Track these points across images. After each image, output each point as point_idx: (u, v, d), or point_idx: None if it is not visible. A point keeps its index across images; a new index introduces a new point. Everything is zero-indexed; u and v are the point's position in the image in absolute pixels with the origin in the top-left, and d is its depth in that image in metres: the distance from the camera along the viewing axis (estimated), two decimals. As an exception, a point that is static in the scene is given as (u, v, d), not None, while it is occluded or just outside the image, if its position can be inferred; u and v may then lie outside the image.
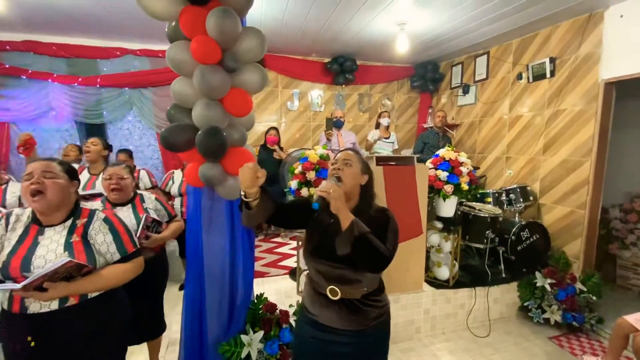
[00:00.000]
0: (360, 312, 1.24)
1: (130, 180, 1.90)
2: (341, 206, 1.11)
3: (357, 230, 1.08)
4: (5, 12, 2.76)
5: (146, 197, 2.00)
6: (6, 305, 1.22)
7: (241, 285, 1.97)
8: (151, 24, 3.33)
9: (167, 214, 2.04)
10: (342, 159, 1.27)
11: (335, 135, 3.89)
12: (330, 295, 1.23)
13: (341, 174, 1.24)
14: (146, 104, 4.01)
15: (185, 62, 1.35)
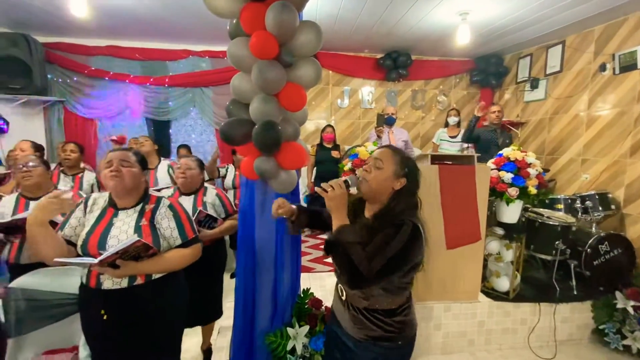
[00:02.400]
0: (360, 322, 1.13)
1: (197, 172, 2.05)
2: (335, 207, 1.08)
3: (339, 236, 1.02)
4: (92, 21, 3.14)
5: (209, 191, 2.13)
6: (85, 280, 1.38)
7: (288, 278, 2.00)
8: (214, 25, 3.56)
9: (225, 211, 2.12)
10: (375, 158, 1.16)
11: (386, 133, 3.75)
12: (340, 293, 1.22)
13: (365, 177, 1.14)
14: (207, 102, 4.29)
15: (244, 58, 1.40)
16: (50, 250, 1.26)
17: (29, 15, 3.26)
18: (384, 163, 1.12)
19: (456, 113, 4.00)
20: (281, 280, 1.99)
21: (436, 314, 2.36)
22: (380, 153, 1.16)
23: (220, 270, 2.29)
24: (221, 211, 2.11)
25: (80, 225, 1.38)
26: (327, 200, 1.06)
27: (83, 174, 2.77)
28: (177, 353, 1.59)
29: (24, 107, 3.81)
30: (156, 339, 1.44)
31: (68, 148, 2.72)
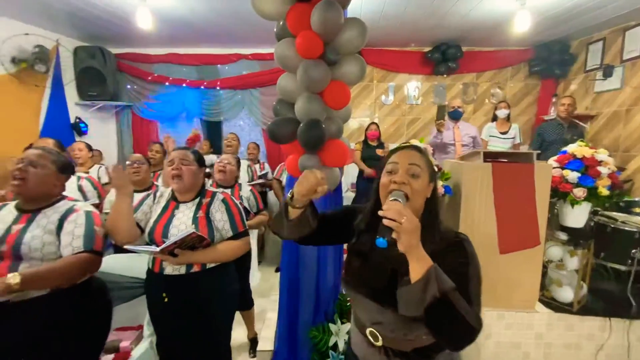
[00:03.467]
0: None
1: (234, 168, 2.25)
2: (415, 243, 0.73)
3: (438, 287, 0.71)
4: (155, 31, 3.45)
5: (243, 187, 2.32)
6: (150, 266, 1.53)
7: (330, 274, 2.02)
8: (262, 29, 3.70)
9: (256, 206, 2.31)
10: (408, 164, 0.87)
11: (451, 127, 3.39)
12: (371, 339, 0.93)
13: (406, 189, 0.84)
14: (255, 103, 4.49)
15: (290, 58, 1.44)
16: (126, 232, 1.43)
17: (103, 29, 3.68)
18: (421, 168, 0.87)
19: (506, 105, 3.64)
20: (324, 276, 2.02)
21: (486, 322, 2.23)
22: (412, 156, 0.89)
23: (247, 263, 2.43)
24: (253, 206, 2.29)
25: (149, 212, 1.54)
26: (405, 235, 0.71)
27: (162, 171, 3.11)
28: (228, 338, 1.70)
29: (99, 111, 4.33)
30: (210, 323, 1.56)
31: (154, 148, 3.06)
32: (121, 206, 1.42)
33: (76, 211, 1.36)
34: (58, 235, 1.30)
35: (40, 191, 1.33)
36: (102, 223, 1.42)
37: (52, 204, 1.36)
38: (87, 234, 1.33)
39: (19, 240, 1.24)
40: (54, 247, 1.29)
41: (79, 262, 1.28)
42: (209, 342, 1.58)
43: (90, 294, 1.42)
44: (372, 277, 0.89)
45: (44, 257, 1.27)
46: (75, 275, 1.31)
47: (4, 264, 1.22)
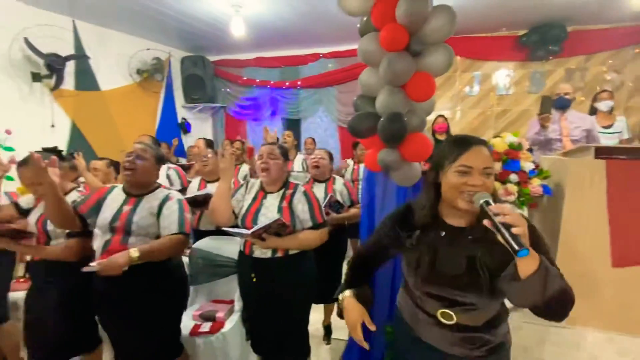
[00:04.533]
0: (477, 340, 0.97)
1: (327, 162, 2.33)
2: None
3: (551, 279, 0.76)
4: (245, 38, 3.80)
5: (337, 181, 2.37)
6: (242, 248, 1.72)
7: (406, 272, 1.99)
8: (340, 27, 3.78)
9: (349, 200, 2.33)
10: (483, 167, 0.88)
11: (557, 120, 2.79)
12: (442, 319, 0.98)
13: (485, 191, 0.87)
14: (332, 100, 4.61)
15: (373, 53, 1.46)
16: (225, 217, 1.64)
17: (204, 39, 4.21)
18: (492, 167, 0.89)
19: (609, 95, 2.97)
20: (400, 273, 1.99)
21: (591, 343, 1.92)
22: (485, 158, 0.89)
23: (340, 256, 2.48)
24: (347, 200, 2.32)
25: (242, 200, 1.73)
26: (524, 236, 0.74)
27: (241, 166, 3.46)
28: (306, 322, 1.81)
29: (199, 112, 4.98)
30: (290, 306, 1.68)
31: (235, 145, 3.43)
32: (223, 188, 1.63)
33: (171, 199, 1.61)
34: (158, 218, 1.56)
35: (145, 179, 1.61)
36: (189, 210, 1.65)
37: (152, 190, 1.62)
38: (180, 219, 1.57)
39: (130, 219, 1.51)
40: (155, 227, 1.55)
41: (176, 242, 1.53)
42: (288, 322, 1.70)
43: (170, 268, 1.66)
44: (449, 267, 0.93)
45: (147, 234, 1.54)
46: (173, 252, 1.56)
47: (116, 237, 1.52)
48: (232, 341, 2.02)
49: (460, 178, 0.88)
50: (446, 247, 0.94)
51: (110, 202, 1.58)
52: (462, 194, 0.88)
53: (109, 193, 1.63)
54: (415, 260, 0.99)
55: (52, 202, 1.46)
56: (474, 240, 0.90)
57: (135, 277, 1.47)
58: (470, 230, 0.93)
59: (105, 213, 1.56)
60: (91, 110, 3.52)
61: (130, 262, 1.39)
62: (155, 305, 1.59)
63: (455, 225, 0.96)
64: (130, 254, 1.38)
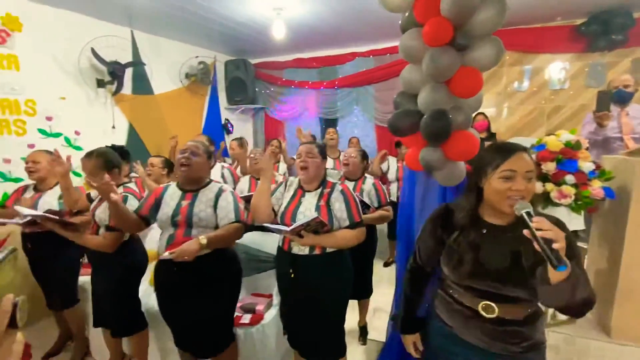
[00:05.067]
0: (518, 335, 0.99)
1: (358, 160, 2.31)
2: None
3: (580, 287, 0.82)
4: (285, 40, 3.89)
5: (367, 180, 2.33)
6: (281, 244, 1.76)
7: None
8: (377, 25, 3.74)
9: (378, 201, 2.27)
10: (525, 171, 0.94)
11: (616, 116, 2.49)
12: (483, 313, 1.00)
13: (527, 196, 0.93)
14: (369, 99, 4.56)
15: (416, 49, 1.43)
16: (265, 214, 1.70)
17: (246, 43, 4.38)
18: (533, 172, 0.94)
19: None
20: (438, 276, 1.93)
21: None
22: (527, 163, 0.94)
23: (371, 255, 2.46)
24: (375, 200, 2.27)
25: (281, 197, 1.78)
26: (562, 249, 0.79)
27: (279, 164, 3.56)
28: (342, 319, 1.82)
29: (241, 113, 5.19)
30: (327, 303, 1.70)
31: (273, 144, 3.56)
32: (263, 186, 1.70)
33: (225, 191, 1.71)
34: (214, 209, 1.66)
35: (199, 174, 1.71)
36: (241, 201, 1.76)
37: (205, 185, 1.73)
38: (236, 208, 1.68)
39: (190, 213, 1.63)
40: (213, 218, 1.66)
41: (235, 229, 1.65)
42: (324, 320, 1.72)
43: (227, 258, 1.76)
44: (494, 261, 0.97)
45: (207, 225, 1.65)
46: (234, 238, 1.69)
47: (179, 231, 1.64)
48: (270, 334, 2.08)
49: (505, 184, 0.93)
50: (489, 243, 0.99)
51: (168, 200, 1.71)
52: (507, 199, 0.93)
53: (165, 191, 1.76)
54: (456, 258, 1.02)
55: (114, 212, 1.66)
56: (516, 237, 0.93)
57: (198, 266, 1.58)
58: (511, 228, 0.98)
59: (165, 210, 1.68)
60: (145, 113, 3.82)
61: (201, 249, 1.50)
62: (215, 293, 1.70)
63: (496, 224, 1.01)
64: (200, 241, 1.50)
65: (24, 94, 2.82)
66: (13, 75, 2.76)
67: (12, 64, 2.74)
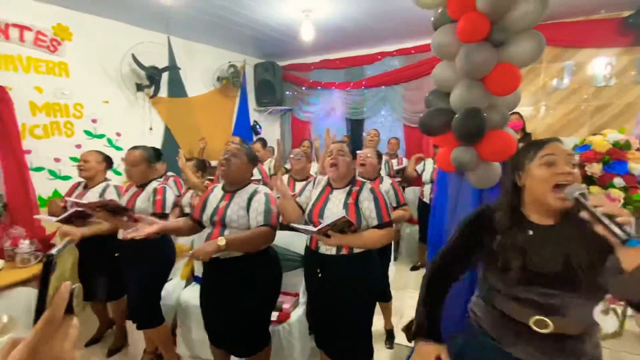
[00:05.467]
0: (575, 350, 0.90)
1: (375, 161, 2.33)
2: None
3: None
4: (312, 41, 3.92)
5: (385, 180, 2.33)
6: (308, 243, 1.77)
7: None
8: (406, 23, 3.68)
9: (396, 200, 2.26)
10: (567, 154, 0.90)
11: None
12: (536, 328, 0.91)
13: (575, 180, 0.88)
14: (397, 98, 4.49)
15: (449, 45, 1.39)
16: (294, 215, 1.72)
17: (274, 46, 4.46)
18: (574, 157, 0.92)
19: None
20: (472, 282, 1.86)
21: None
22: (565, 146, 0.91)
23: (386, 256, 2.43)
24: (393, 200, 2.27)
25: (310, 196, 1.80)
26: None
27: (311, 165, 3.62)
28: (369, 321, 1.79)
29: (269, 115, 5.30)
30: (354, 304, 1.68)
31: (305, 144, 3.66)
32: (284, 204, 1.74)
33: (258, 193, 1.72)
34: (247, 211, 1.68)
35: (237, 176, 1.75)
36: (276, 203, 1.75)
37: (243, 187, 1.76)
38: (266, 211, 1.67)
39: (225, 213, 1.67)
40: (246, 220, 1.67)
41: (261, 233, 1.62)
42: (351, 321, 1.70)
43: (268, 261, 1.78)
44: (544, 266, 0.88)
45: (239, 226, 1.67)
46: (258, 243, 1.66)
47: (216, 230, 1.69)
48: (296, 332, 2.10)
49: (548, 169, 0.87)
50: (537, 246, 0.90)
51: (212, 200, 1.78)
52: (555, 189, 0.85)
53: (211, 192, 1.84)
54: (501, 264, 0.94)
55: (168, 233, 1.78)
56: (566, 237, 0.88)
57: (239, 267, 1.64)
58: (560, 227, 0.90)
59: (207, 210, 1.75)
60: (180, 115, 4.00)
61: (218, 250, 1.52)
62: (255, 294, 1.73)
63: (543, 224, 0.92)
64: (217, 243, 1.52)
65: (73, 99, 3.05)
66: (63, 81, 2.99)
67: (62, 71, 2.97)
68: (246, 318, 1.71)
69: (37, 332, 0.40)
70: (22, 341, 0.40)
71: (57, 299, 0.42)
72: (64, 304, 0.42)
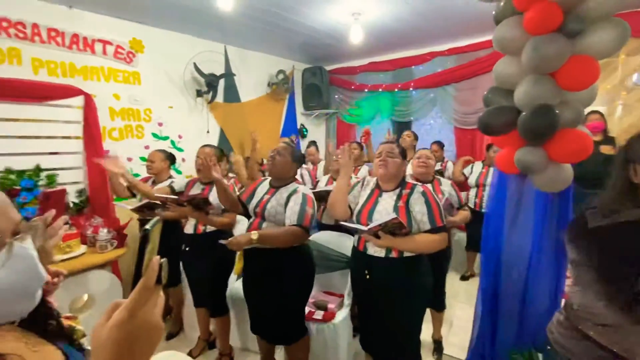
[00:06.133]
0: None
1: (434, 162, 2.28)
2: None
3: None
4: (360, 44, 3.92)
5: (444, 182, 2.26)
6: (356, 243, 1.77)
7: (544, 294, 1.68)
8: (459, 21, 3.52)
9: (458, 202, 2.21)
10: None
11: None
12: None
13: None
14: (448, 100, 4.30)
15: (514, 39, 1.30)
16: (341, 210, 1.73)
17: (322, 51, 4.53)
18: None
19: None
20: (535, 295, 1.71)
21: None
22: None
23: (445, 263, 2.33)
24: (455, 201, 2.21)
25: (358, 196, 1.80)
26: None
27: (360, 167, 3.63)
28: (418, 328, 1.73)
29: (315, 119, 5.39)
30: (403, 309, 1.64)
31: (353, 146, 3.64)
32: (341, 183, 1.73)
33: (297, 193, 1.79)
34: (284, 208, 1.75)
35: (281, 172, 1.84)
36: (313, 205, 1.78)
37: (286, 184, 1.85)
38: (300, 211, 1.71)
39: (265, 206, 1.78)
40: (282, 216, 1.74)
41: (292, 232, 1.68)
42: (399, 326, 1.66)
43: (299, 256, 1.83)
44: None
45: (276, 221, 1.75)
46: (288, 241, 1.70)
47: (256, 220, 1.82)
48: (342, 333, 2.10)
49: None
50: None
51: (259, 191, 1.90)
52: None
53: (260, 184, 1.96)
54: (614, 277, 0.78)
55: (220, 191, 1.88)
56: None
57: (274, 258, 1.71)
58: None
59: (254, 200, 1.88)
60: (233, 119, 4.25)
61: (250, 243, 1.60)
62: (292, 284, 1.80)
63: None
64: (250, 236, 1.60)
65: (144, 104, 3.41)
66: (136, 88, 3.35)
67: (135, 80, 3.34)
68: (277, 307, 1.79)
69: (135, 297, 0.46)
70: (123, 304, 0.46)
71: (150, 270, 0.47)
72: (155, 274, 0.47)
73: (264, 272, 1.80)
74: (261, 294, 1.85)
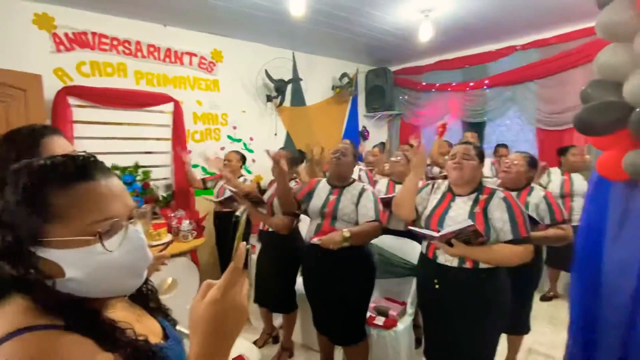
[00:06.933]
0: None
1: (524, 169, 2.02)
2: None
3: None
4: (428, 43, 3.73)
5: (535, 191, 1.96)
6: (424, 250, 1.67)
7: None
8: (543, 11, 3.15)
9: (550, 217, 1.86)
10: None
11: None
12: None
13: None
14: (530, 98, 3.87)
15: (623, 24, 1.12)
16: (408, 211, 1.69)
17: (388, 52, 4.44)
18: None
19: None
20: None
21: None
22: None
23: (531, 283, 2.04)
24: (545, 216, 1.88)
25: (427, 199, 1.70)
26: None
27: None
28: (493, 350, 1.58)
29: (377, 120, 5.32)
30: (476, 327, 1.51)
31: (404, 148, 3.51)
32: (410, 183, 1.68)
33: (367, 190, 1.84)
34: (356, 206, 1.79)
35: (346, 172, 1.89)
36: (380, 202, 1.83)
37: (350, 184, 1.89)
38: (376, 208, 1.78)
39: (336, 206, 1.81)
40: (354, 214, 1.79)
41: (374, 227, 1.75)
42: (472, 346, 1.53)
43: (363, 256, 1.85)
44: None
45: (349, 220, 1.79)
46: (372, 236, 1.79)
47: (326, 222, 1.84)
48: (403, 342, 2.03)
49: None
50: None
51: (319, 192, 1.94)
52: None
53: (317, 185, 1.99)
54: None
55: (281, 187, 1.95)
56: None
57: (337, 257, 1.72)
58: None
59: (316, 201, 1.91)
60: (298, 122, 4.43)
61: (343, 241, 1.64)
62: (354, 285, 1.82)
63: None
64: (343, 233, 1.65)
65: (221, 109, 3.77)
66: (215, 95, 3.72)
67: (215, 87, 3.72)
68: (339, 307, 1.81)
69: (226, 277, 0.50)
70: (216, 284, 0.50)
71: (238, 254, 0.51)
72: (243, 258, 0.51)
73: (327, 272, 1.82)
74: (323, 293, 1.88)
